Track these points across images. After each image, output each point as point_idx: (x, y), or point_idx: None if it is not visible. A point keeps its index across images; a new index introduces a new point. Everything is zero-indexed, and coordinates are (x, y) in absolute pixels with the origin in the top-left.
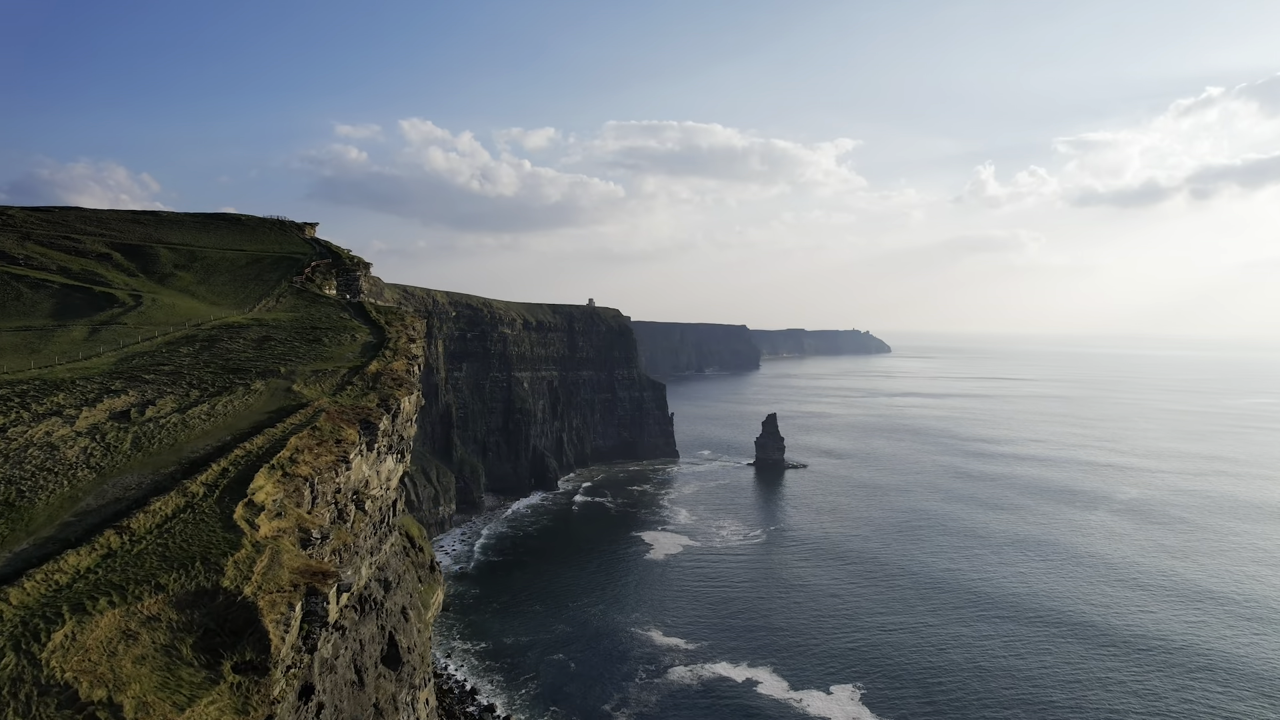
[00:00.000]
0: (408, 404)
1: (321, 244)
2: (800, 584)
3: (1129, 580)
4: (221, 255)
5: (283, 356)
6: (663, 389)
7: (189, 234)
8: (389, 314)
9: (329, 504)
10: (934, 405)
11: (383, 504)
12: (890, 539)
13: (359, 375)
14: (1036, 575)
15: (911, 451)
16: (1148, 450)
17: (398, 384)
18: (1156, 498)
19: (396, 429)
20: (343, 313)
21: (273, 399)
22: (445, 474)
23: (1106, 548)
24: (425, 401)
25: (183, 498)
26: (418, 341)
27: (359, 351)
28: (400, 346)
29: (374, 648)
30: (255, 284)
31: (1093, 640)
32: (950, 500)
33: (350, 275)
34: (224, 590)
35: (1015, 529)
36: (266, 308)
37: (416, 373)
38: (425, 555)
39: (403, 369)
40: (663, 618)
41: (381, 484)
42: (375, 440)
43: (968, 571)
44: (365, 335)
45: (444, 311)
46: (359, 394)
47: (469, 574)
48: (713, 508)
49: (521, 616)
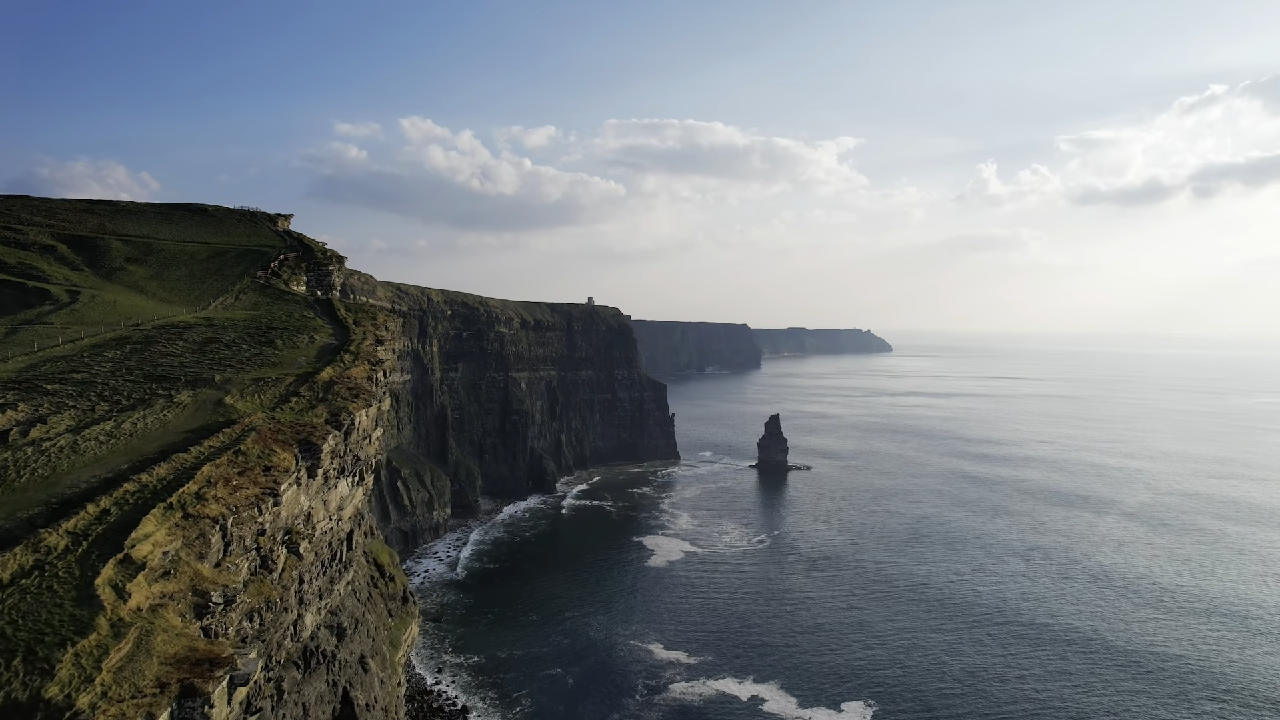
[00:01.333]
0: (364, 418)
1: (294, 236)
2: (806, 594)
3: (1142, 593)
4: (181, 248)
5: (223, 362)
6: (663, 389)
7: (148, 225)
8: (359, 312)
9: (247, 551)
10: (937, 405)
11: (333, 538)
12: (897, 547)
13: (308, 384)
14: (1048, 588)
15: (916, 453)
16: (1157, 452)
17: (354, 394)
18: (1169, 503)
19: (350, 448)
20: (307, 311)
21: (196, 415)
22: (440, 477)
23: (1119, 558)
24: (419, 403)
25: (32, 555)
26: (387, 344)
27: (315, 355)
28: (363, 350)
29: (322, 710)
30: (214, 279)
31: (1107, 660)
32: (957, 506)
33: (322, 270)
34: (45, 705)
35: (1024, 538)
36: (223, 305)
37: (381, 380)
38: (397, 585)
39: (363, 376)
40: (663, 629)
41: (330, 515)
42: (319, 464)
43: (977, 584)
44: (326, 336)
45: (439, 310)
46: (305, 407)
47: (462, 582)
48: (715, 511)
49: (516, 628)
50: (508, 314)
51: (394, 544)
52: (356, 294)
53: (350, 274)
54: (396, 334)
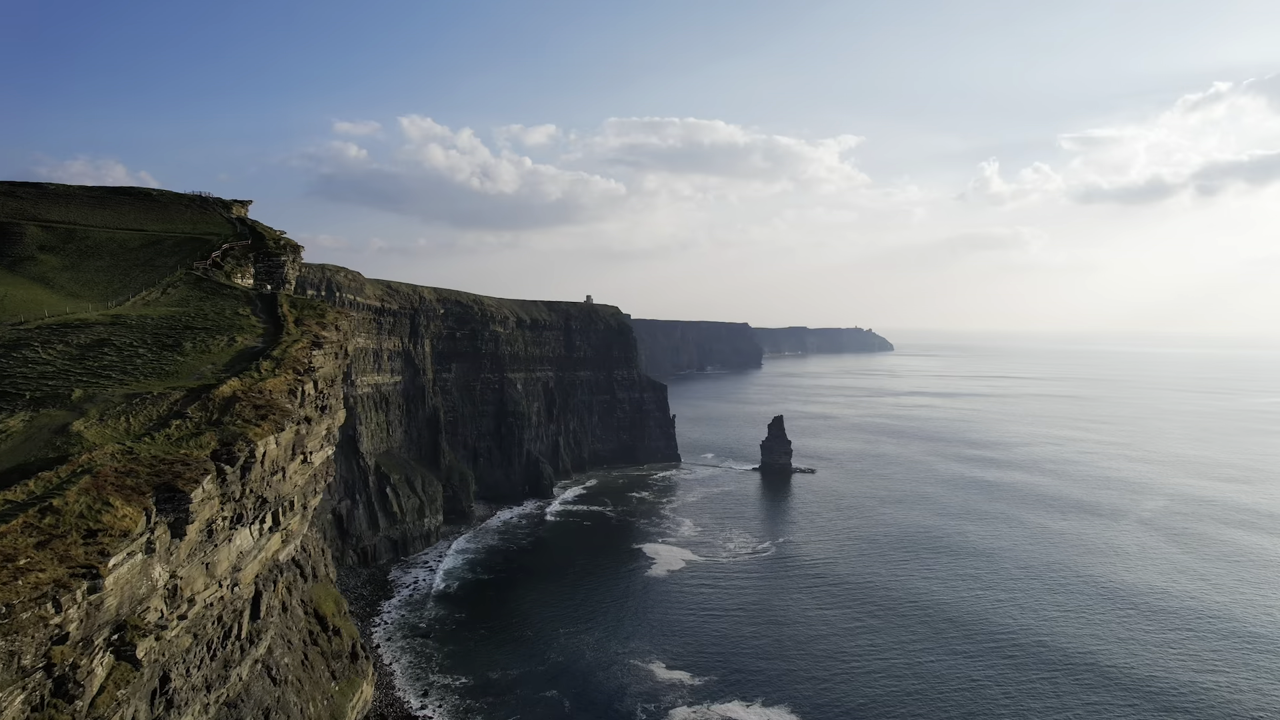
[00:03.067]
0: (273, 446)
1: (248, 224)
2: (814, 609)
3: (1161, 613)
4: (110, 235)
5: (102, 372)
6: (664, 390)
7: (78, 210)
8: (306, 309)
9: (24, 675)
10: (941, 405)
11: (226, 610)
12: (906, 560)
13: (201, 401)
14: (1064, 611)
15: (922, 456)
16: (1170, 455)
17: (262, 414)
18: (1187, 511)
19: (251, 487)
20: (243, 308)
21: (20, 448)
22: (431, 483)
23: (1137, 574)
24: (410, 405)
25: None
26: (329, 347)
27: (226, 363)
28: (290, 355)
29: None
30: (142, 271)
31: (1125, 690)
32: (966, 516)
33: (273, 261)
34: None
35: (1038, 552)
36: (144, 300)
37: (310, 394)
38: (344, 640)
39: (282, 389)
40: (665, 646)
41: (219, 580)
42: (189, 517)
43: (990, 604)
44: (252, 338)
45: (431, 309)
46: (186, 434)
47: (453, 594)
48: (717, 517)
49: (509, 645)
50: (503, 313)
51: (383, 553)
52: (343, 292)
53: (336, 271)
54: (349, 334)
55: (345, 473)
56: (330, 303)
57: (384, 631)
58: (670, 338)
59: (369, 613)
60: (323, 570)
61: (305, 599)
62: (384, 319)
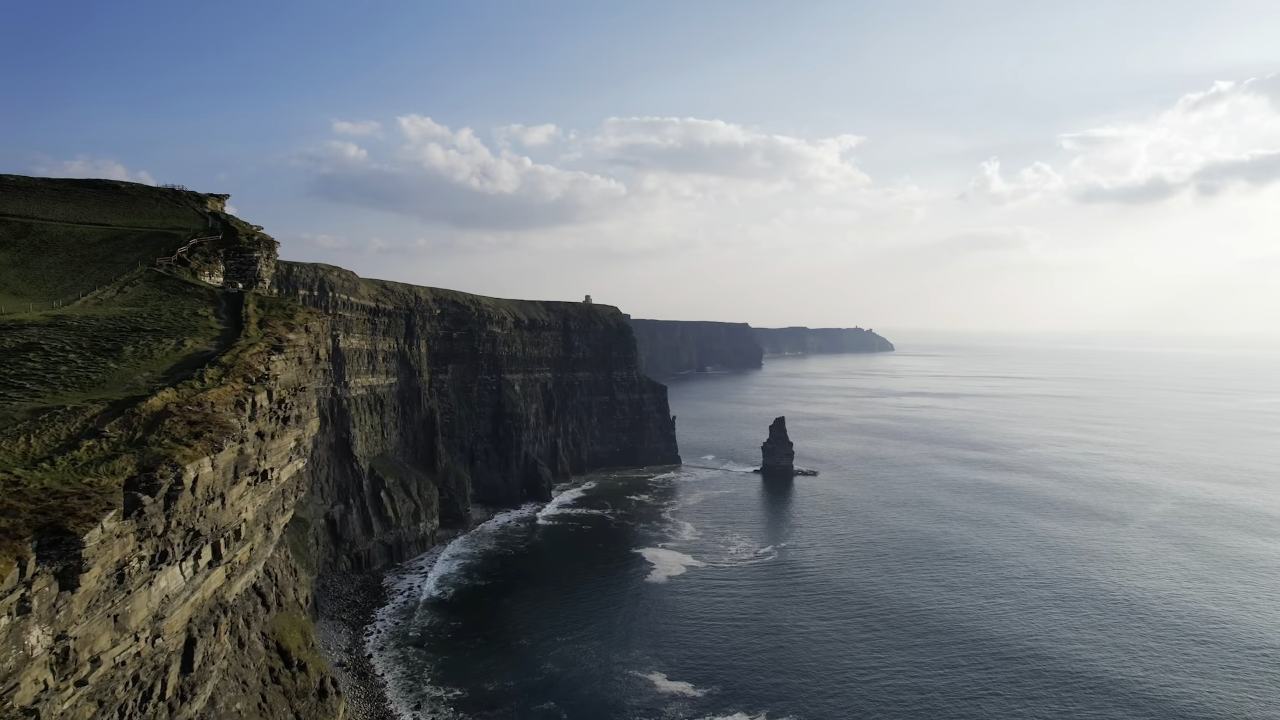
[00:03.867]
0: (208, 470)
1: (222, 219)
2: (817, 616)
3: (1174, 623)
4: (69, 230)
5: (16, 381)
6: (664, 391)
7: (38, 203)
8: (274, 309)
9: None
10: (943, 406)
11: (143, 669)
12: (911, 568)
13: (125, 417)
14: (1075, 625)
15: (924, 459)
16: (1176, 457)
17: (198, 431)
18: (1196, 515)
19: (178, 520)
20: (205, 308)
21: None
22: (427, 486)
23: (1148, 585)
24: (406, 407)
25: None
26: (291, 351)
27: (168, 370)
28: (242, 361)
29: None
30: (100, 268)
31: (1138, 712)
32: (971, 521)
33: (245, 257)
34: None
35: (1046, 561)
36: (95, 299)
37: (263, 405)
38: (310, 677)
39: (227, 400)
40: (666, 655)
41: (136, 633)
42: (83, 565)
43: (999, 616)
44: (205, 342)
45: (428, 309)
46: (99, 457)
47: (448, 601)
48: (719, 520)
49: (505, 654)
50: (501, 313)
51: (377, 558)
52: (336, 291)
53: (330, 270)
54: (322, 336)
55: (339, 476)
56: (323, 303)
57: (376, 640)
58: (670, 338)
59: (361, 620)
60: (290, 595)
61: (267, 631)
62: (379, 319)
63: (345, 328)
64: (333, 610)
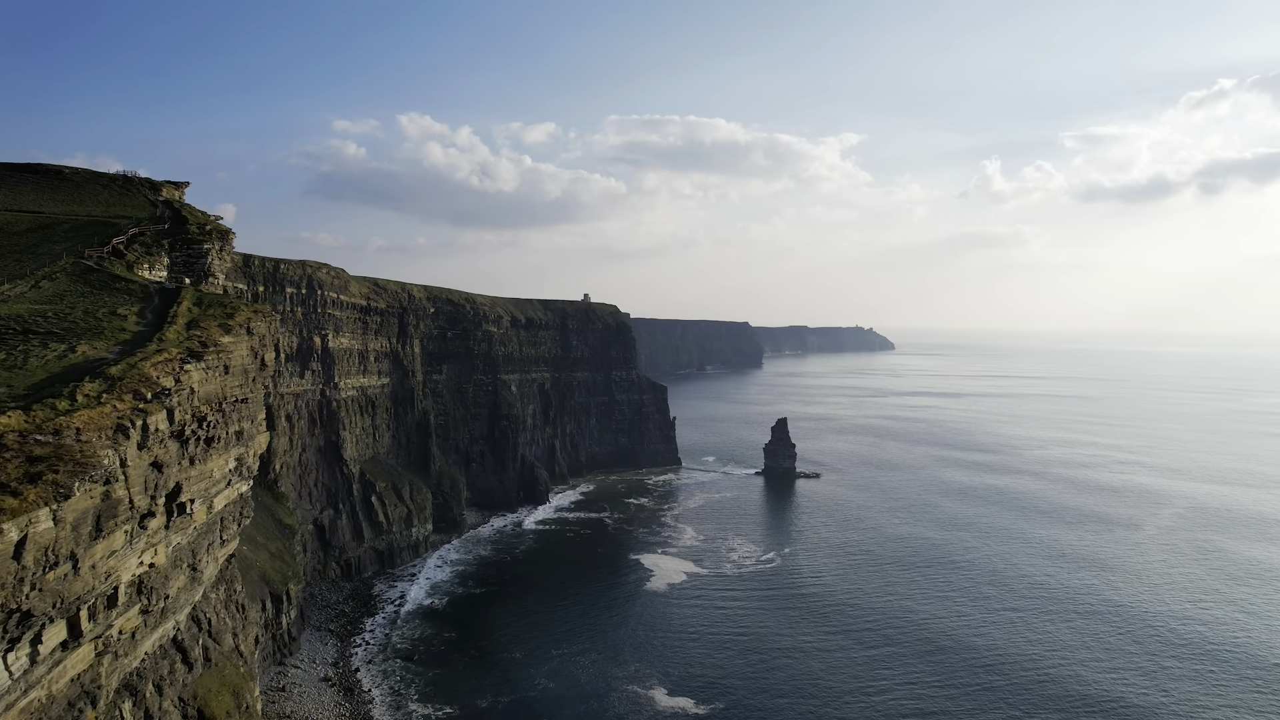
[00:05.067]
0: (45, 526)
1: (175, 207)
2: (822, 633)
3: (1192, 643)
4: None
5: None
6: (664, 391)
7: None
8: (214, 306)
9: None
10: (946, 406)
11: None
12: (918, 579)
13: None
14: (1096, 650)
15: (929, 461)
16: (1186, 460)
17: (35, 473)
18: (1212, 523)
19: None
20: (130, 305)
21: None
22: (420, 490)
23: (1165, 600)
24: (399, 409)
25: None
26: (214, 358)
27: (33, 386)
28: (136, 373)
29: None
30: (19, 259)
31: None
32: (980, 530)
33: (194, 249)
34: None
35: (1063, 576)
36: (1, 295)
37: (163, 428)
38: None
39: (103, 425)
40: (666, 669)
41: None
42: None
43: (1007, 632)
44: (106, 347)
45: (421, 308)
46: None
47: (440, 611)
48: (720, 525)
49: (498, 668)
50: (497, 312)
51: (368, 565)
52: (325, 289)
53: (318, 267)
54: (268, 339)
55: (328, 480)
56: (312, 301)
57: (365, 653)
58: (670, 337)
59: (350, 631)
60: (229, 642)
61: (187, 696)
62: (370, 318)
63: (335, 327)
64: (320, 620)
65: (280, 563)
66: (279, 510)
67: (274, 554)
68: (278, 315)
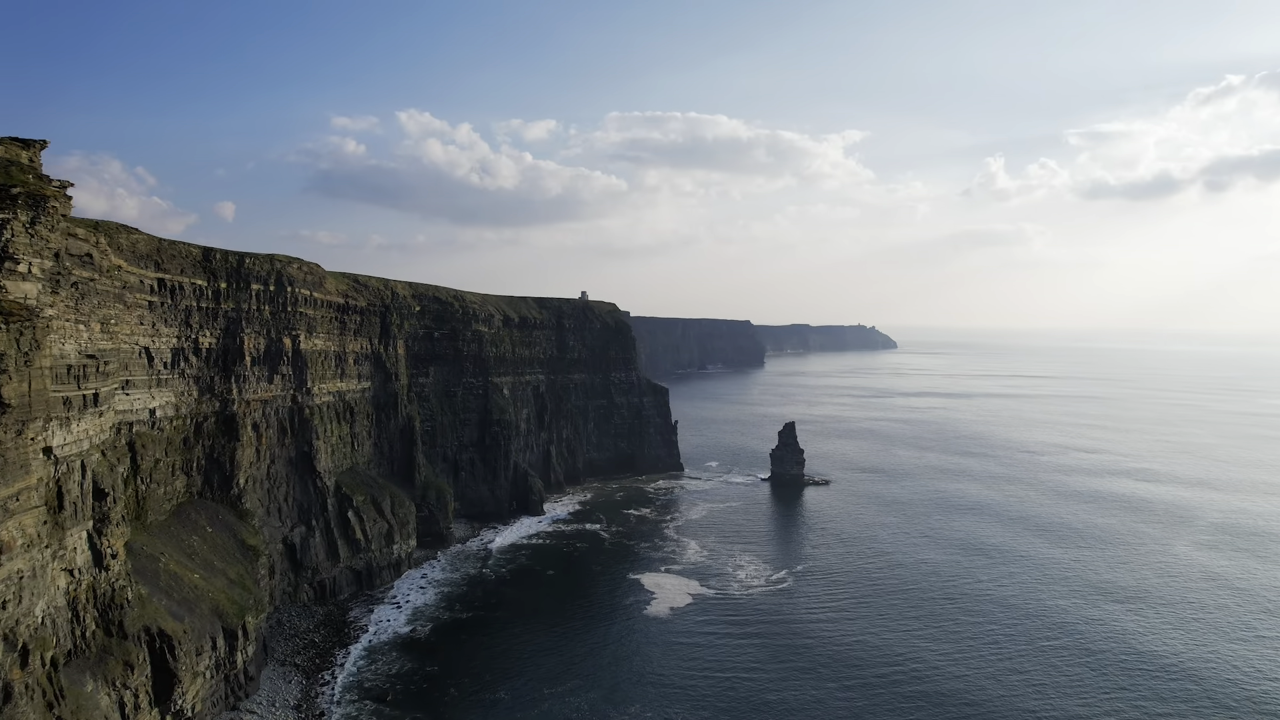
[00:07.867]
0: None
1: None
2: (844, 660)
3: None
4: None
5: None
6: (665, 393)
7: None
8: None
9: None
10: (955, 407)
11: None
12: (937, 613)
13: None
14: (1138, 697)
15: (942, 469)
16: (1215, 468)
17: None
18: (1254, 544)
19: None
20: None
21: None
22: (403, 503)
23: (1214, 646)
24: (381, 415)
25: None
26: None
27: None
28: None
29: None
30: None
31: None
32: (1001, 556)
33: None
34: None
35: (1103, 613)
36: None
37: None
38: None
39: None
40: (668, 711)
41: None
42: None
43: (1030, 687)
44: None
45: (405, 306)
46: None
47: (421, 640)
48: (726, 538)
49: (484, 709)
50: (488, 310)
51: (344, 587)
52: (296, 286)
53: (288, 262)
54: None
55: (299, 495)
56: (281, 299)
57: (332, 691)
58: (670, 336)
59: (319, 666)
60: None
61: None
62: (349, 317)
63: (308, 327)
64: (285, 653)
65: (239, 590)
66: (242, 529)
67: (232, 580)
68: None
